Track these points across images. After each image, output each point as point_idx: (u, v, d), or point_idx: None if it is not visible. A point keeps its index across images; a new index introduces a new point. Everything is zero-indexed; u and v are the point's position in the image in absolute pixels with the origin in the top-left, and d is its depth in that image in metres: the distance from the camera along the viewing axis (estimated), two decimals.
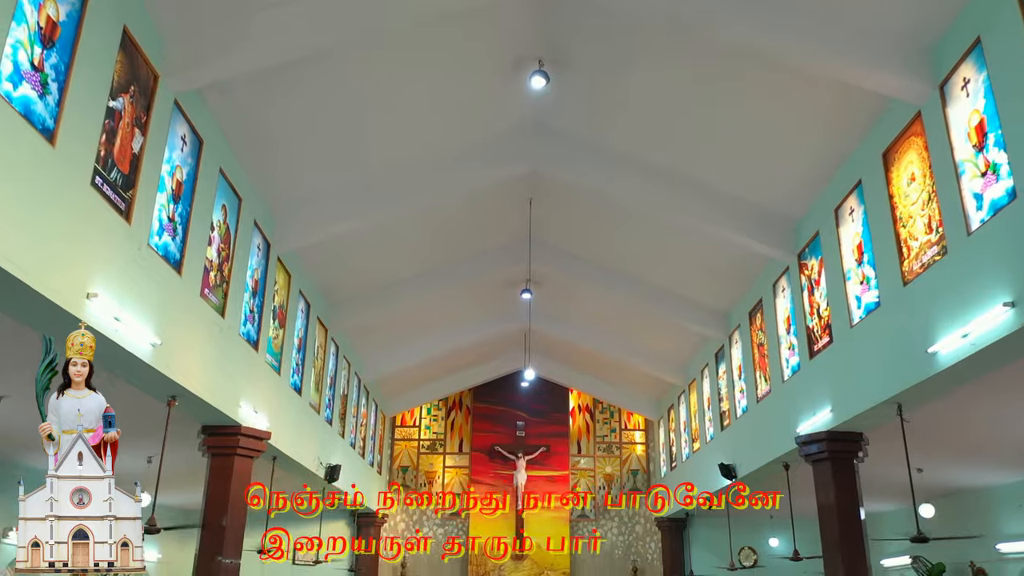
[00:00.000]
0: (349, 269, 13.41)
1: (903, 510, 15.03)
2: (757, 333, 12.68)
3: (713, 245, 12.28)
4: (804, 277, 10.67)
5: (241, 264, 9.66)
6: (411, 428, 21.18)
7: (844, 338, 9.36)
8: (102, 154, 6.35)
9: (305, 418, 12.77)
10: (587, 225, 13.62)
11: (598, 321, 17.08)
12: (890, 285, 8.24)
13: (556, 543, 19.60)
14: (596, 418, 21.29)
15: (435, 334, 17.11)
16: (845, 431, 9.72)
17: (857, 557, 9.48)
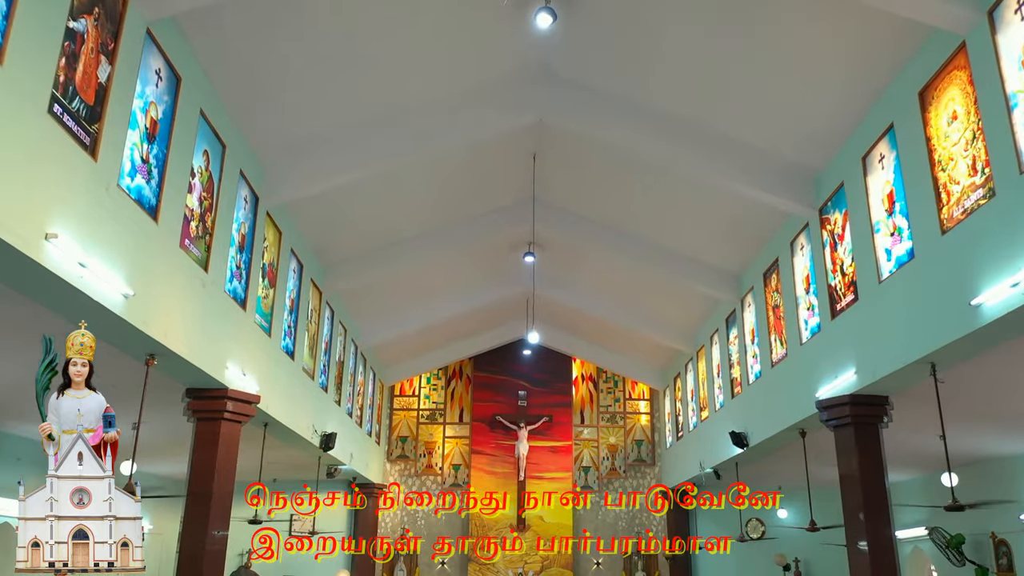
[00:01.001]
0: (344, 228, 12.78)
1: (919, 480, 14.55)
2: (772, 295, 12.08)
3: (727, 202, 11.65)
4: (826, 233, 10.03)
5: (226, 216, 9.02)
6: (410, 398, 20.65)
7: (871, 295, 8.75)
8: (61, 80, 5.69)
9: (298, 383, 12.20)
10: (593, 182, 12.96)
11: (603, 286, 16.47)
12: (926, 235, 7.61)
13: (558, 515, 19.15)
14: (600, 388, 20.76)
15: (434, 300, 16.53)
16: (870, 395, 9.15)
17: (881, 527, 8.96)
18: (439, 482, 19.90)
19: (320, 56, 8.91)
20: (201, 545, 8.83)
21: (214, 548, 8.93)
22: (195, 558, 8.80)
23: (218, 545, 8.99)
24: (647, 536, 19.28)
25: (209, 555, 8.86)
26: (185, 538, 8.93)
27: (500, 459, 19.62)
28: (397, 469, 19.97)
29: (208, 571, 8.81)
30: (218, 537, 8.98)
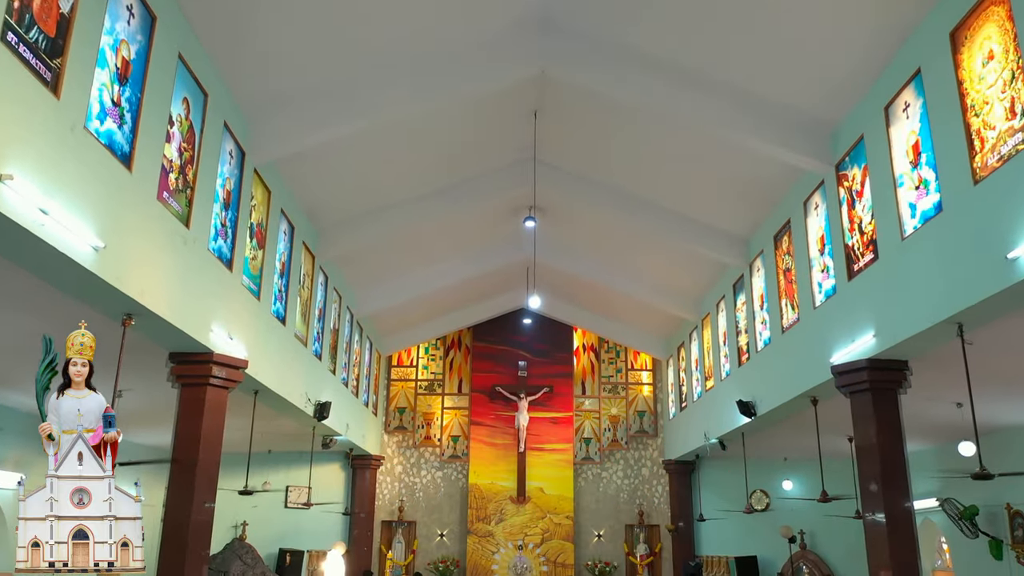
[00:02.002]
0: (337, 189, 12.26)
1: (932, 450, 14.16)
2: (783, 258, 11.59)
3: (737, 161, 11.13)
4: (843, 190, 9.52)
5: (209, 170, 8.50)
6: (408, 368, 20.23)
7: (893, 253, 8.26)
8: (16, 5, 5.15)
9: (290, 350, 11.75)
10: (596, 141, 12.41)
11: (606, 252, 15.98)
12: (956, 186, 7.10)
13: (559, 487, 18.82)
14: (601, 358, 20.34)
15: (432, 267, 16.05)
16: (889, 359, 8.69)
17: (899, 497, 8.54)
18: (438, 453, 19.55)
19: (309, 1, 8.35)
20: (186, 515, 8.42)
21: (200, 519, 8.53)
22: (181, 529, 8.39)
23: (204, 515, 8.59)
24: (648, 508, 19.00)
25: (195, 525, 8.45)
26: (170, 508, 8.52)
27: (500, 430, 19.25)
28: (395, 440, 19.60)
29: (194, 542, 8.41)
30: (205, 508, 8.57)
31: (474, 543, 18.47)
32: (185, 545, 8.31)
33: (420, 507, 19.12)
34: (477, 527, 18.57)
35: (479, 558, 18.36)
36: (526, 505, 18.74)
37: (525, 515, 18.69)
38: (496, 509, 18.71)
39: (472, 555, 18.38)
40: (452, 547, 18.76)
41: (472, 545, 18.45)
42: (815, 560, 17.01)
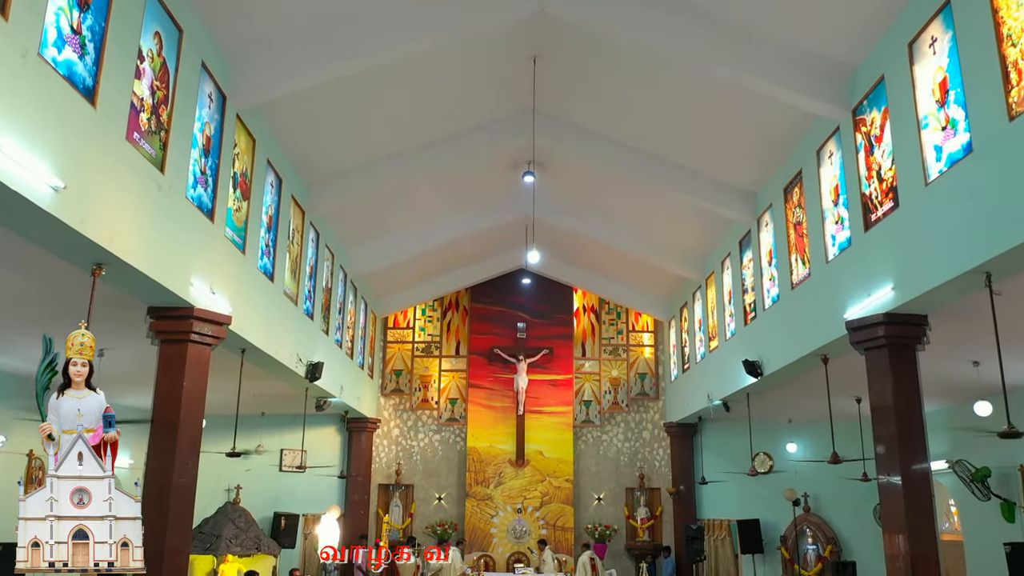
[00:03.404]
0: (327, 139, 11.70)
1: (942, 410, 13.76)
2: (794, 211, 11.08)
3: (747, 108, 10.59)
4: (860, 136, 8.99)
5: (185, 113, 7.95)
6: (404, 330, 19.80)
7: (915, 200, 7.76)
8: None
9: (279, 307, 11.28)
10: (598, 90, 11.82)
11: (607, 209, 15.46)
12: (988, 123, 6.58)
13: (559, 450, 18.50)
14: (602, 319, 19.90)
15: (428, 225, 15.53)
16: (907, 313, 8.23)
17: (916, 458, 8.14)
18: (435, 416, 19.20)
19: None
20: (168, 478, 8.01)
21: (182, 481, 8.13)
22: (162, 492, 7.98)
23: (187, 478, 8.18)
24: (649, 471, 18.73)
25: (177, 488, 8.05)
26: (150, 470, 8.11)
27: (499, 393, 18.87)
28: (391, 403, 19.24)
29: (176, 505, 8.02)
30: (187, 468, 8.16)
31: (472, 506, 18.20)
32: (167, 509, 7.91)
33: (418, 470, 18.82)
34: (476, 490, 18.29)
35: (478, 521, 18.10)
36: (525, 468, 18.44)
37: (524, 478, 18.40)
38: (495, 472, 18.41)
39: (471, 518, 18.12)
40: (450, 510, 18.50)
41: (471, 508, 18.19)
42: (818, 523, 16.74)
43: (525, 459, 18.44)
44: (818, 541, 16.49)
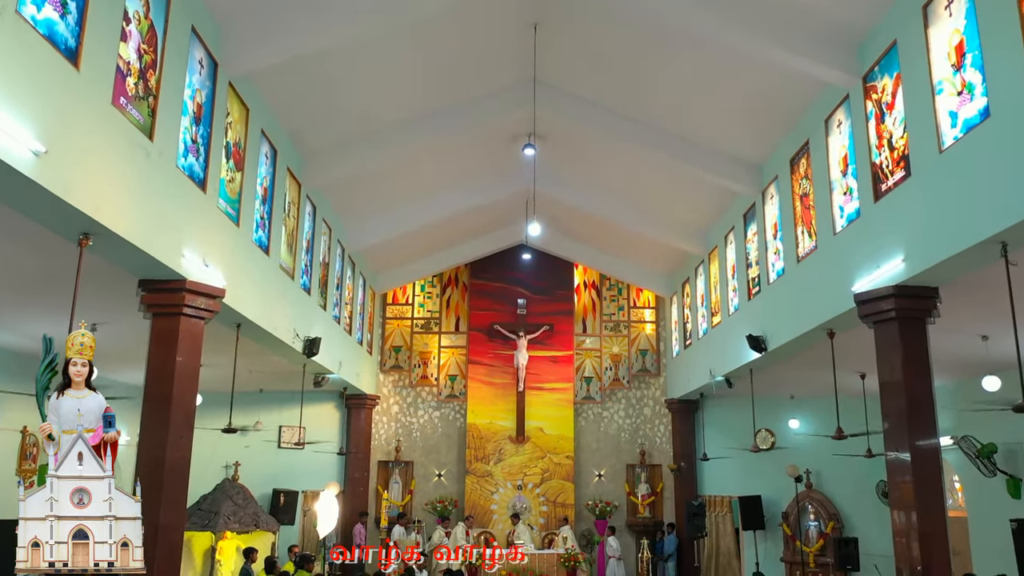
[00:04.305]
0: (323, 110, 11.43)
1: (949, 386, 13.58)
2: (800, 183, 10.84)
3: (753, 79, 10.37)
4: (871, 103, 8.73)
5: (175, 78, 7.69)
6: (403, 306, 19.60)
7: (928, 168, 7.52)
8: None
9: (275, 281, 11.07)
10: (600, 57, 11.52)
11: (609, 183, 15.21)
12: (1007, 86, 6.34)
13: (559, 426, 18.38)
14: (603, 295, 19.70)
15: (426, 199, 15.28)
16: (918, 285, 8.03)
17: (925, 433, 7.97)
18: (435, 393, 19.06)
19: None
20: (161, 454, 7.85)
21: (176, 456, 7.96)
22: (156, 468, 7.82)
23: (181, 453, 8.02)
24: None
25: (171, 464, 7.89)
26: (143, 446, 7.95)
27: (499, 369, 18.72)
28: (391, 380, 19.09)
29: (170, 482, 7.86)
30: (180, 443, 7.99)
31: (472, 483, 18.10)
32: (161, 485, 7.75)
33: (417, 447, 18.71)
34: (475, 467, 18.19)
35: (478, 498, 18.02)
36: (525, 445, 18.33)
37: (524, 455, 18.29)
38: (495, 449, 18.30)
39: (471, 495, 18.03)
40: (450, 487, 18.41)
41: (470, 485, 18.09)
42: (820, 499, 16.64)
43: (525, 436, 18.32)
44: (820, 517, 16.39)
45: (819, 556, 15.94)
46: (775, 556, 16.60)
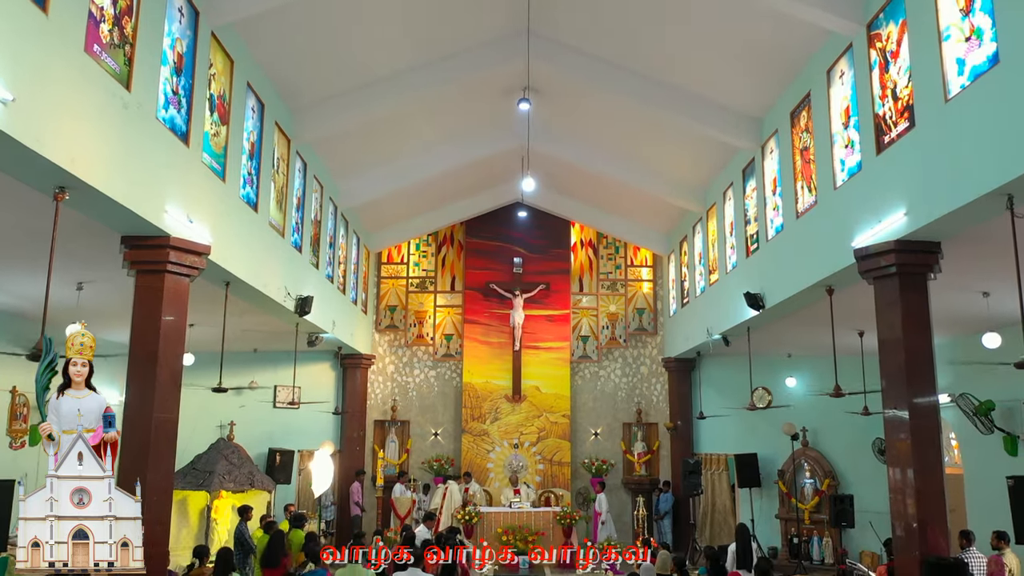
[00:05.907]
0: (311, 62, 11.11)
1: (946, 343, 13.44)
2: (801, 136, 10.59)
3: (752, 27, 10.08)
4: (875, 52, 8.45)
5: (152, 26, 7.40)
6: (398, 265, 19.42)
7: (933, 118, 7.28)
8: None
9: (264, 239, 10.87)
10: (596, 7, 11.16)
11: (606, 138, 14.91)
12: (1017, 31, 6.08)
13: (556, 385, 18.32)
14: (600, 254, 19.50)
15: (420, 155, 15.01)
16: (920, 240, 7.84)
17: (924, 390, 7.85)
18: (431, 352, 18.97)
19: None
20: (148, 414, 7.72)
21: (163, 417, 7.84)
22: (142, 429, 7.70)
23: (168, 414, 7.89)
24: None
25: (158, 425, 7.77)
26: (130, 406, 7.82)
27: (495, 329, 18.60)
28: (386, 340, 18.98)
29: (157, 442, 7.74)
30: (167, 404, 7.86)
31: (469, 442, 18.10)
32: (147, 448, 7.63)
33: (413, 406, 18.67)
34: (472, 426, 18.17)
35: (474, 457, 18.03)
36: (522, 404, 18.29)
37: (521, 414, 18.26)
38: (491, 408, 18.27)
39: (467, 454, 18.04)
40: (446, 446, 18.41)
41: (467, 444, 18.09)
42: (816, 457, 16.64)
43: (522, 395, 18.27)
44: (816, 475, 16.42)
45: (814, 513, 16.01)
46: (771, 513, 16.67)
